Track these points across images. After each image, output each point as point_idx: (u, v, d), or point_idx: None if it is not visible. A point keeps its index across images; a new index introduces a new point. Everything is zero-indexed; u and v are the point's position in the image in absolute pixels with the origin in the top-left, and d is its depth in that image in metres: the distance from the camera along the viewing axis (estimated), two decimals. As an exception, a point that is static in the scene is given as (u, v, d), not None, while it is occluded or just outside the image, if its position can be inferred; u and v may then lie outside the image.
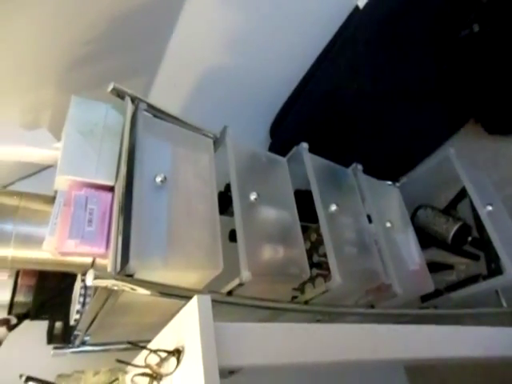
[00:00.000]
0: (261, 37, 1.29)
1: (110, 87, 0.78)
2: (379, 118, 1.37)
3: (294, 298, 0.93)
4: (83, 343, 0.87)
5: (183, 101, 1.36)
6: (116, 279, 0.57)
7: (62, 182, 0.66)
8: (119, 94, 0.80)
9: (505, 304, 1.11)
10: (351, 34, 1.26)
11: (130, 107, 0.78)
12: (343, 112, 1.35)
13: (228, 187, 0.92)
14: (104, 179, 0.66)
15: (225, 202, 0.92)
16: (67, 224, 0.62)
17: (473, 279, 1.03)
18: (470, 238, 1.10)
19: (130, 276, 0.59)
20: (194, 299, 0.49)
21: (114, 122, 0.72)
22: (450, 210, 1.18)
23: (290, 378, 1.19)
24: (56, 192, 0.69)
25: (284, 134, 1.44)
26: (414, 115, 1.40)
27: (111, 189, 0.68)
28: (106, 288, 0.60)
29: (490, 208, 1.01)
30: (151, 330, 0.66)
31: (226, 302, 0.71)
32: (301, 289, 0.95)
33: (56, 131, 0.81)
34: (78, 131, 0.67)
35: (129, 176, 0.70)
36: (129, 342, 0.55)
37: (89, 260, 0.72)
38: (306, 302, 0.87)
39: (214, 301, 0.68)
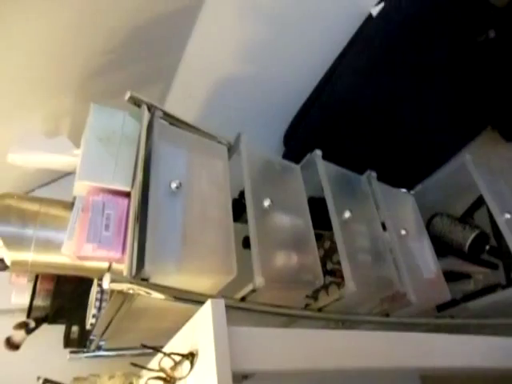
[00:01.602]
0: (275, 46, 1.31)
1: (127, 96, 0.80)
2: (394, 125, 1.37)
3: (307, 305, 0.92)
4: (99, 348, 0.88)
5: (198, 109, 1.38)
6: (132, 283, 0.58)
7: (80, 187, 0.68)
8: (136, 102, 0.82)
9: (524, 314, 1.08)
10: (366, 41, 1.27)
11: (146, 115, 0.80)
12: (357, 119, 1.35)
13: (242, 194, 0.93)
14: (121, 185, 0.67)
15: (239, 208, 0.93)
16: (85, 229, 0.63)
17: (491, 289, 1.01)
18: (487, 247, 1.08)
19: (146, 280, 0.60)
20: (208, 303, 0.49)
21: (131, 129, 0.74)
22: (466, 218, 1.17)
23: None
24: (75, 198, 0.71)
25: (298, 141, 1.45)
26: (430, 123, 1.39)
27: (128, 194, 0.69)
28: (121, 292, 0.61)
29: (508, 216, 0.99)
30: (165, 336, 0.67)
31: (239, 308, 0.71)
32: (314, 296, 0.95)
33: (75, 139, 0.83)
34: (96, 138, 0.69)
35: (145, 182, 0.71)
36: (143, 345, 0.56)
37: (105, 265, 0.73)
38: (320, 310, 0.87)
39: (227, 306, 0.68)
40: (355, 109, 1.33)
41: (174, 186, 0.73)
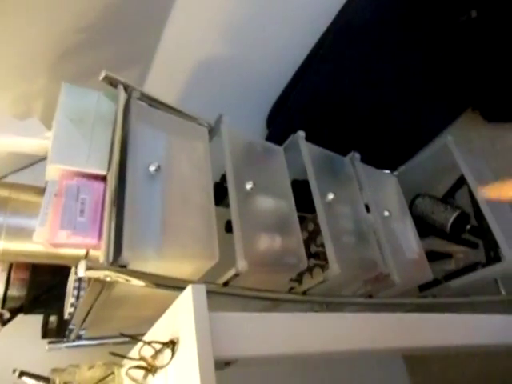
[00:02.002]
0: (258, 27, 1.27)
1: (102, 75, 0.76)
2: (377, 106, 1.36)
3: (292, 289, 0.92)
4: (78, 337, 0.86)
5: (178, 91, 1.34)
6: (109, 270, 0.56)
7: (52, 171, 0.65)
8: (112, 83, 0.78)
9: (503, 292, 1.11)
10: (347, 22, 1.25)
11: (122, 95, 0.76)
12: (340, 101, 1.34)
13: (224, 178, 0.90)
14: (96, 168, 0.64)
15: (221, 192, 0.90)
16: (58, 214, 0.60)
17: (471, 267, 1.03)
18: (468, 227, 1.09)
19: (124, 267, 0.58)
20: (189, 289, 0.47)
21: (106, 109, 0.70)
22: (448, 199, 1.18)
23: (285, 368, 1.18)
24: (47, 183, 0.68)
25: (281, 123, 1.42)
26: (412, 104, 1.39)
27: (103, 178, 0.66)
28: (99, 280, 0.58)
29: (488, 195, 1.00)
30: (148, 323, 0.65)
31: (222, 293, 0.69)
32: (298, 280, 0.94)
33: (48, 121, 0.79)
34: (68, 119, 0.65)
35: (122, 165, 0.68)
36: (122, 334, 0.54)
37: (82, 252, 0.70)
38: (304, 293, 0.86)
39: (209, 292, 0.66)
40: (337, 90, 1.32)
41: (152, 168, 0.70)
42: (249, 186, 0.80)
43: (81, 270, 0.52)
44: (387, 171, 1.20)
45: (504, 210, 1.08)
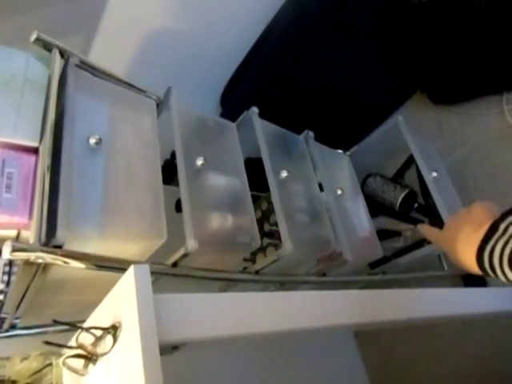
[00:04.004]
0: (212, 3, 1.21)
1: (34, 36, 0.68)
2: (329, 87, 1.36)
3: (245, 269, 0.89)
4: (12, 327, 0.78)
5: (126, 64, 1.25)
6: (41, 251, 0.50)
7: (-27, 142, 0.57)
8: (45, 46, 0.70)
9: (446, 267, 1.16)
10: (302, 2, 1.23)
11: (58, 60, 0.69)
12: (294, 81, 1.32)
13: (174, 155, 0.86)
14: (25, 139, 0.57)
15: (171, 170, 0.86)
16: (-20, 191, 0.53)
17: (418, 244, 1.06)
18: (416, 205, 1.12)
19: (59, 247, 0.52)
20: (131, 269, 0.43)
21: (37, 74, 0.63)
22: (397, 178, 1.20)
23: (237, 349, 1.18)
24: (-32, 155, 0.60)
25: (235, 101, 1.38)
26: (364, 85, 1.39)
27: (35, 151, 0.59)
28: (29, 262, 0.53)
29: (435, 174, 1.03)
30: (93, 309, 0.60)
31: (170, 274, 0.66)
32: (252, 259, 0.92)
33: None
34: (-9, 83, 0.57)
35: (57, 137, 0.61)
36: (55, 321, 0.49)
37: (13, 233, 0.63)
38: (257, 272, 0.84)
39: (157, 273, 0.63)
40: (291, 71, 1.30)
41: (92, 141, 0.64)
42: (199, 162, 0.76)
43: (6, 252, 0.47)
44: (340, 151, 1.21)
45: (448, 188, 1.12)
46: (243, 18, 1.31)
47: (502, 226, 0.42)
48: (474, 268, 0.46)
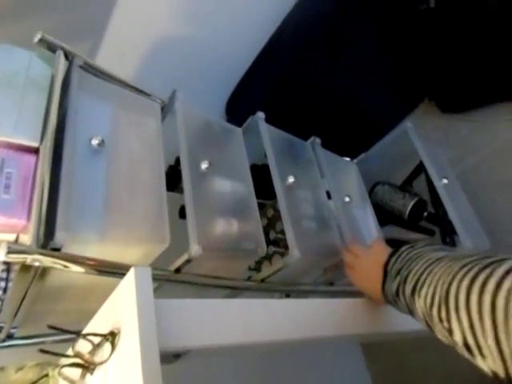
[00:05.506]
0: (218, 7, 1.21)
1: (38, 37, 0.67)
2: (338, 94, 1.35)
3: (250, 278, 0.87)
4: (9, 337, 0.75)
5: (131, 71, 1.25)
6: (39, 253, 0.48)
7: (-28, 142, 0.55)
8: (50, 47, 0.69)
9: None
10: (310, 8, 1.22)
11: (62, 60, 0.68)
12: (302, 88, 1.31)
13: (179, 161, 0.84)
14: (25, 139, 0.56)
15: (175, 176, 0.84)
16: (-23, 191, 0.51)
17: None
18: (425, 214, 1.09)
19: (57, 250, 0.50)
20: (131, 272, 0.41)
21: (40, 73, 0.61)
22: (406, 187, 1.18)
23: (241, 356, 1.14)
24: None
25: (241, 109, 1.37)
26: (372, 93, 1.38)
27: (36, 151, 0.58)
28: (27, 267, 0.50)
29: (445, 181, 1.00)
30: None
31: (173, 280, 0.63)
32: (257, 268, 0.90)
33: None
34: (-8, 82, 0.56)
35: (59, 138, 0.60)
36: (50, 327, 0.46)
37: (12, 237, 0.61)
38: (263, 281, 0.81)
39: (159, 279, 0.60)
40: (299, 77, 1.29)
41: (95, 142, 0.62)
42: (204, 165, 0.74)
43: (1, 254, 0.44)
44: (347, 158, 1.18)
45: (459, 197, 1.09)
46: (250, 24, 1.30)
47: (392, 261, 0.62)
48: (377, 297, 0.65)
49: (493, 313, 0.32)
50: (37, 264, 0.48)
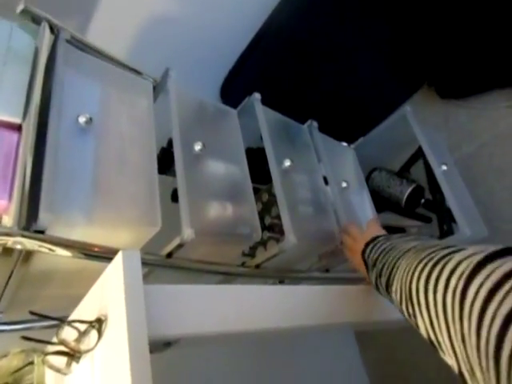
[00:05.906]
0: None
1: (20, 7, 0.63)
2: (335, 78, 1.32)
3: (244, 264, 0.85)
4: (-5, 322, 0.73)
5: (122, 50, 1.20)
6: (21, 235, 0.45)
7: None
8: (34, 19, 0.65)
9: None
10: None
11: (47, 32, 0.64)
12: (298, 68, 1.28)
13: (171, 143, 0.81)
14: (6, 114, 0.52)
15: (168, 159, 0.81)
16: (-44, 169, 0.48)
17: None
18: (423, 200, 1.08)
19: (41, 232, 0.48)
20: (119, 255, 0.38)
21: (22, 45, 0.58)
22: (403, 173, 1.16)
23: (234, 347, 1.13)
24: None
25: (236, 91, 1.33)
26: (371, 77, 1.35)
27: (18, 128, 0.54)
28: (9, 249, 0.48)
29: (444, 167, 0.98)
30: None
31: (164, 266, 0.61)
32: (251, 254, 0.88)
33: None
34: (-30, 53, 0.52)
35: (43, 114, 0.56)
36: (31, 313, 0.44)
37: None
38: (257, 267, 0.80)
39: (150, 264, 0.58)
40: (294, 58, 1.25)
41: (82, 120, 0.59)
42: (197, 147, 0.71)
43: (-22, 229, 0.42)
44: (345, 143, 1.16)
45: (457, 183, 1.07)
46: (246, 5, 1.26)
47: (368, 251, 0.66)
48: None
49: (444, 311, 0.33)
50: (19, 247, 0.46)
